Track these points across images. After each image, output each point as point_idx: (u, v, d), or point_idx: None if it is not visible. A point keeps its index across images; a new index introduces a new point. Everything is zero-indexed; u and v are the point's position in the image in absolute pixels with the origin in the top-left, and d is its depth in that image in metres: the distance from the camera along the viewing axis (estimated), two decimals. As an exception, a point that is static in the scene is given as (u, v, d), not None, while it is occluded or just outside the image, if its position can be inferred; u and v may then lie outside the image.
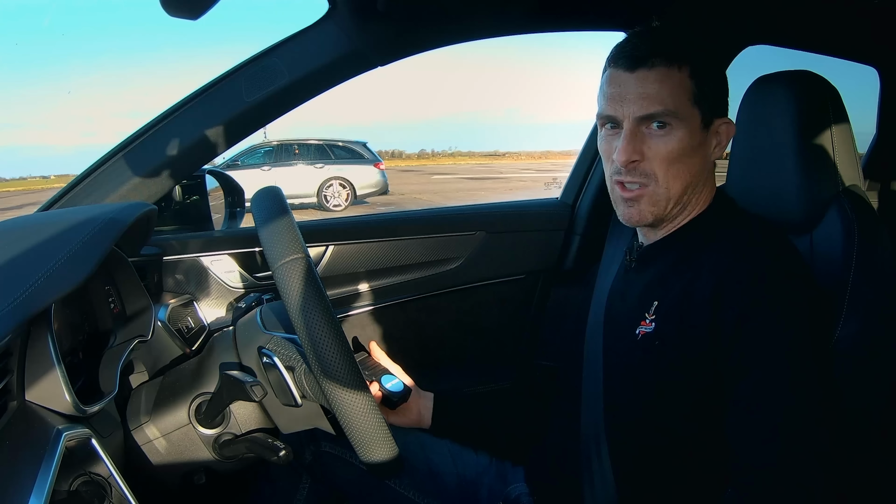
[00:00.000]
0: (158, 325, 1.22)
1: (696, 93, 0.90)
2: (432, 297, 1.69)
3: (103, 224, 0.90)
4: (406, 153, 66.63)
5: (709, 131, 0.94)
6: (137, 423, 1.06)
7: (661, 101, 0.88)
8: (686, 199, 0.95)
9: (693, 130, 0.91)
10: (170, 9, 0.72)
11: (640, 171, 0.92)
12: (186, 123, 1.27)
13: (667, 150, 0.90)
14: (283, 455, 1.03)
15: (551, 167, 27.33)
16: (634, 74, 0.90)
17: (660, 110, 0.88)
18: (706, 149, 0.95)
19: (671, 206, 0.94)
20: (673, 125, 0.90)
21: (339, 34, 1.27)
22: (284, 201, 0.99)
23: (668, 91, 0.89)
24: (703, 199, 0.98)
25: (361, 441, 0.91)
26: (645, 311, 0.95)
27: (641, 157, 0.91)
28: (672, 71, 0.89)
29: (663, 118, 0.89)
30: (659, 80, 0.89)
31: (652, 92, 0.89)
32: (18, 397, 0.78)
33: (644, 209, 0.94)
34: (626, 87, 0.91)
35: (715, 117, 0.94)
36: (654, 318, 0.93)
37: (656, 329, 0.92)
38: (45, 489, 0.64)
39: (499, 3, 1.33)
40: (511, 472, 1.20)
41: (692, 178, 0.93)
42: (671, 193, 0.93)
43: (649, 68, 0.89)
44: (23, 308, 0.72)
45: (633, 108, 0.90)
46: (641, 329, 0.94)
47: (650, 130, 0.91)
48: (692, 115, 0.91)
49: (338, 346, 0.88)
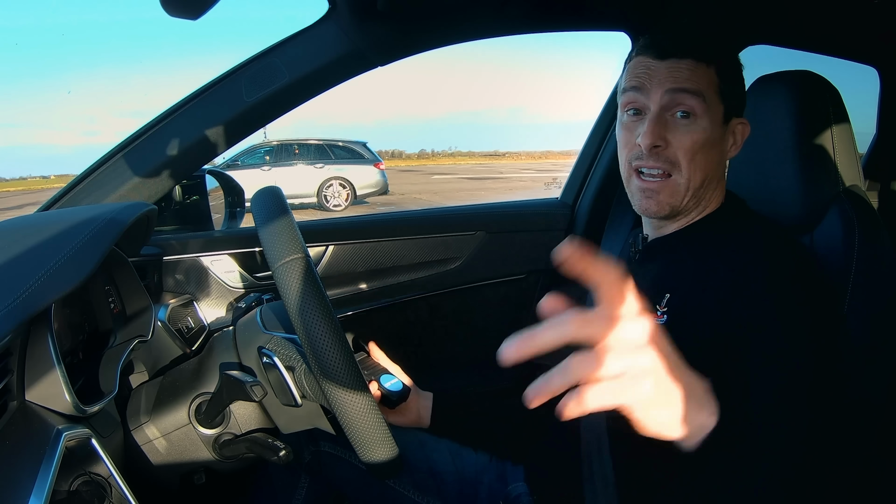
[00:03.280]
0: (158, 325, 1.22)
1: (722, 88, 0.92)
2: (432, 297, 1.71)
3: (103, 224, 0.90)
4: (406, 153, 67.18)
5: (727, 128, 0.95)
6: (137, 423, 1.05)
7: (691, 82, 0.90)
8: (702, 193, 0.96)
9: (715, 123, 0.92)
10: (170, 9, 0.71)
11: (664, 157, 0.93)
12: (187, 123, 1.27)
13: (691, 140, 0.91)
14: (283, 455, 1.03)
15: (551, 167, 27.69)
16: (665, 63, 0.92)
17: (690, 87, 0.90)
18: (724, 145, 0.96)
19: (689, 198, 0.95)
20: (697, 115, 0.91)
21: (339, 34, 1.27)
22: (284, 201, 0.99)
23: (697, 78, 0.90)
24: (716, 196, 0.99)
25: (361, 441, 0.90)
26: (656, 304, 0.94)
27: (665, 143, 0.92)
28: (701, 65, 0.91)
29: (689, 102, 0.90)
30: (689, 68, 0.91)
31: (682, 76, 0.91)
32: (19, 397, 0.77)
33: (663, 200, 0.95)
34: (655, 71, 0.92)
35: (733, 115, 0.96)
36: (667, 311, 0.93)
37: (668, 322, 0.92)
38: (45, 489, 0.64)
39: (498, 3, 1.33)
40: (511, 472, 1.19)
41: (711, 171, 0.94)
42: (691, 184, 0.93)
43: (680, 59, 0.91)
44: (23, 308, 0.71)
45: (664, 85, 0.91)
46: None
47: (674, 119, 0.92)
48: (716, 106, 0.92)
49: (338, 346, 0.88)
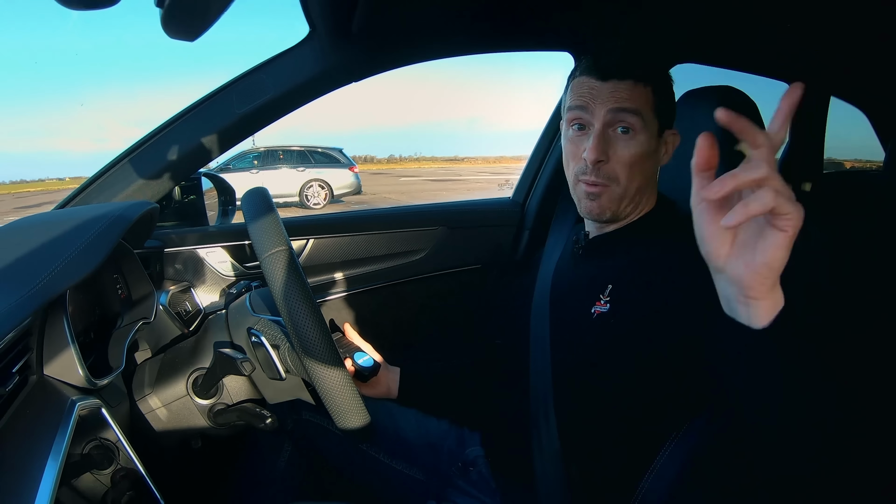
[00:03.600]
0: (160, 308, 1.23)
1: (657, 105, 0.95)
2: (399, 284, 1.72)
3: (112, 220, 0.92)
4: (377, 158, 64.91)
5: (661, 140, 0.99)
6: (142, 395, 1.08)
7: (631, 101, 0.93)
8: (639, 199, 0.99)
9: (651, 136, 0.95)
10: (170, 31, 0.70)
11: (604, 172, 0.96)
12: (185, 132, 1.29)
13: (629, 154, 0.94)
14: (270, 422, 1.07)
15: (504, 170, 27.64)
16: (607, 84, 0.94)
17: (630, 107, 0.92)
18: (658, 154, 0.99)
19: (626, 203, 0.98)
20: (636, 130, 0.94)
21: (318, 53, 1.28)
22: (270, 200, 1.01)
23: (636, 98, 0.93)
24: (651, 199, 1.02)
25: (337, 410, 0.92)
26: (599, 294, 0.97)
27: (607, 158, 0.94)
28: (639, 86, 0.93)
29: (629, 120, 0.93)
30: (628, 89, 0.93)
31: (623, 97, 0.93)
32: (38, 372, 0.80)
33: (604, 204, 0.98)
34: (598, 91, 0.94)
35: (666, 128, 0.99)
36: (609, 300, 0.95)
37: (611, 309, 0.94)
38: (61, 452, 0.66)
39: (458, 27, 1.35)
40: (469, 437, 1.21)
41: (646, 180, 0.98)
42: (628, 192, 0.97)
43: (620, 80, 0.93)
44: (42, 293, 0.73)
45: (606, 105, 0.93)
46: (597, 309, 0.96)
47: (615, 134, 0.94)
48: (652, 122, 0.95)
49: (317, 327, 0.90)
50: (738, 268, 0.59)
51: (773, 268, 0.57)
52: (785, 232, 0.55)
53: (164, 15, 0.66)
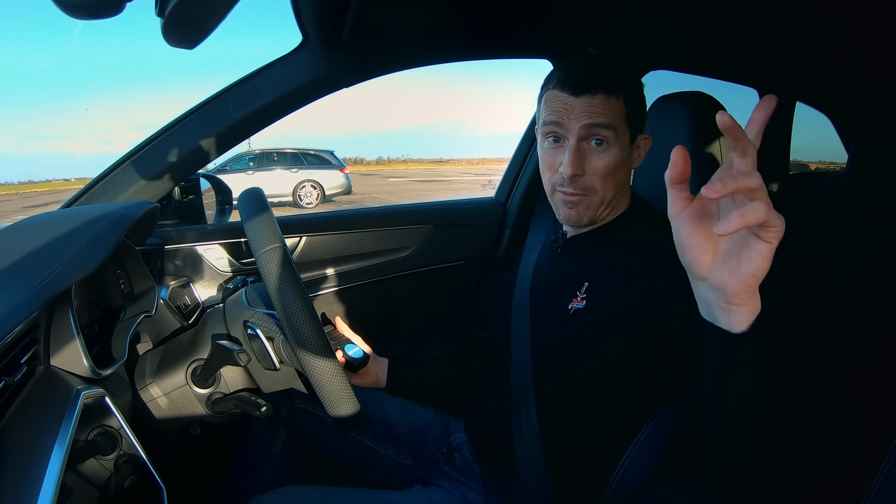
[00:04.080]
0: (161, 302, 1.23)
1: (628, 114, 0.95)
2: (388, 279, 1.73)
3: (115, 219, 0.92)
4: (367, 160, 65.04)
5: (633, 146, 0.99)
6: (143, 384, 1.09)
7: (604, 116, 0.92)
8: (614, 203, 0.99)
9: (624, 145, 0.95)
10: (170, 40, 0.70)
11: (581, 184, 0.96)
12: (184, 135, 1.29)
13: (604, 165, 0.94)
14: (265, 411, 1.08)
15: (487, 171, 27.65)
16: (580, 99, 0.93)
17: (603, 121, 0.92)
18: (631, 160, 0.99)
19: (603, 209, 0.99)
20: (609, 141, 0.93)
21: (310, 61, 1.29)
22: (265, 200, 1.01)
23: (608, 111, 0.92)
24: (624, 200, 1.03)
25: (329, 398, 0.93)
26: (576, 290, 0.97)
27: (583, 171, 0.94)
28: (611, 99, 0.93)
29: (603, 133, 0.92)
30: (601, 103, 0.92)
31: (596, 111, 0.92)
32: (45, 362, 0.80)
33: (582, 212, 0.98)
34: (572, 107, 0.93)
35: (638, 134, 0.99)
36: (586, 297, 0.96)
37: (588, 305, 0.95)
38: (67, 439, 0.66)
39: (443, 35, 1.36)
40: (453, 424, 1.22)
41: (621, 186, 0.98)
42: (605, 200, 0.97)
43: (593, 94, 0.92)
44: (49, 288, 0.74)
45: (580, 120, 0.92)
46: (574, 305, 0.97)
47: (590, 147, 0.94)
48: (625, 132, 0.95)
49: (309, 321, 0.90)
50: (722, 276, 0.59)
51: (758, 276, 0.57)
52: (769, 243, 0.55)
53: (164, 24, 0.66)
